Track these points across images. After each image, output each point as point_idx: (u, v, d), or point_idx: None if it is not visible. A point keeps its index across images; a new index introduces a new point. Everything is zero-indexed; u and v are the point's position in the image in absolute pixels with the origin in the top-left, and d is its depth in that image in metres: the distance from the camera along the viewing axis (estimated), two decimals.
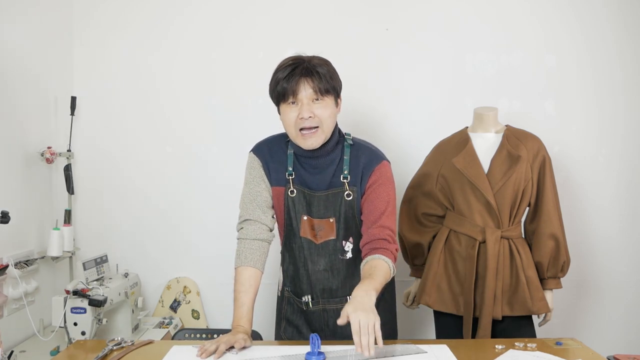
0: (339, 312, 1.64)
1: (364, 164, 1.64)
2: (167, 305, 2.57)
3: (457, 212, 1.99)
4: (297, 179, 1.66)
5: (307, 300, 1.72)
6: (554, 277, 1.98)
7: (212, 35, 2.56)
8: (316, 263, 1.68)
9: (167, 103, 2.58)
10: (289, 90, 1.54)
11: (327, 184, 1.65)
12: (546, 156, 1.98)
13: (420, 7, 2.56)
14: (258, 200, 1.68)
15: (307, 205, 1.65)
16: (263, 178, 1.69)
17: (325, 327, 1.73)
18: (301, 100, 1.55)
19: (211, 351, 1.44)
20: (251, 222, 1.67)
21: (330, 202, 1.64)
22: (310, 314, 1.73)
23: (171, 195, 2.59)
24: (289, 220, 1.68)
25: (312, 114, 1.55)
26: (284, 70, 1.56)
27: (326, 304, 1.71)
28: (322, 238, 1.66)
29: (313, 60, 1.58)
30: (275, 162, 1.68)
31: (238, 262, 1.64)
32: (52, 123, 2.41)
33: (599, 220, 2.59)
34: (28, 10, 2.23)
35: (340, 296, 1.70)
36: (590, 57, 2.56)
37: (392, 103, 2.57)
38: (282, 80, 1.54)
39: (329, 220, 1.65)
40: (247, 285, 1.60)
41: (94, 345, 1.61)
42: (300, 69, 1.54)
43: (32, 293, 2.19)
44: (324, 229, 1.66)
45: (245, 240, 1.66)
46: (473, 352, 1.55)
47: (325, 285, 1.69)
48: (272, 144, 1.72)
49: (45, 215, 2.35)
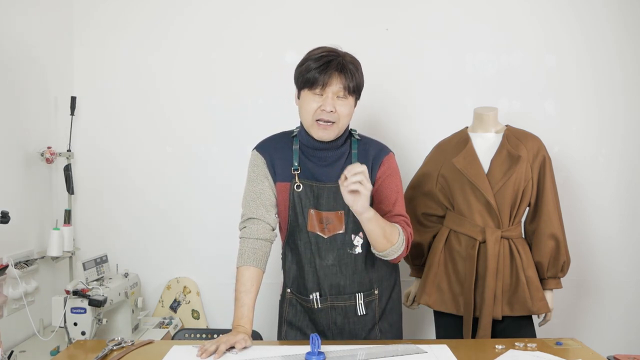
0: (347, 309, 1.68)
1: (373, 157, 1.67)
2: (167, 305, 2.57)
3: (457, 212, 1.99)
4: (304, 172, 1.66)
5: (314, 298, 1.68)
6: (554, 277, 1.98)
7: (212, 35, 2.56)
8: (324, 258, 1.66)
9: (167, 103, 2.58)
10: (320, 81, 1.55)
11: (336, 176, 1.60)
12: (546, 156, 1.98)
13: (420, 7, 2.56)
14: (262, 199, 1.67)
15: (315, 199, 1.65)
16: (267, 176, 1.68)
17: (332, 325, 1.70)
18: (327, 94, 1.57)
19: (211, 351, 1.44)
20: (254, 220, 1.67)
21: (339, 195, 1.57)
22: (317, 313, 1.70)
23: (171, 195, 2.59)
24: (294, 216, 1.67)
25: (333, 109, 1.57)
26: (318, 60, 1.56)
27: (334, 301, 1.68)
28: (331, 232, 1.65)
29: (347, 57, 1.60)
30: (281, 158, 1.68)
31: (240, 262, 1.63)
32: (52, 123, 2.41)
33: (599, 220, 2.59)
34: (28, 10, 2.23)
35: (349, 293, 1.68)
36: (590, 57, 2.56)
37: (392, 103, 2.57)
38: (314, 70, 1.55)
39: (338, 213, 1.64)
40: (248, 285, 1.60)
41: (94, 345, 1.61)
42: (335, 64, 1.56)
43: (32, 293, 2.19)
44: (333, 222, 1.65)
45: (248, 239, 1.65)
46: (473, 352, 1.55)
47: (334, 281, 1.67)
48: (276, 141, 1.72)
49: (45, 215, 2.35)
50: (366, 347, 1.53)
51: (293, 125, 1.75)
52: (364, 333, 1.72)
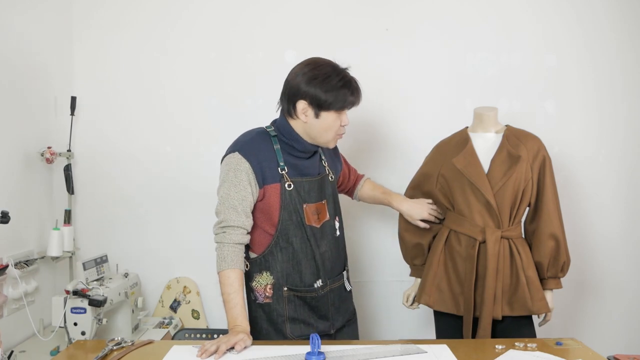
0: (340, 289, 1.86)
1: (334, 149, 1.92)
2: (167, 305, 2.57)
3: (457, 212, 1.99)
4: (291, 170, 1.72)
5: (319, 285, 1.76)
6: (554, 277, 1.98)
7: (212, 36, 2.56)
8: (320, 246, 1.76)
9: (167, 103, 2.58)
10: (353, 104, 1.72)
11: (316, 169, 1.81)
12: (546, 156, 1.98)
13: (420, 7, 2.56)
14: (244, 205, 1.67)
15: (306, 193, 1.74)
16: (250, 182, 1.67)
17: (331, 307, 1.81)
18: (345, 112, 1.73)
19: (212, 351, 1.45)
20: (234, 228, 1.66)
21: (324, 185, 1.81)
22: (317, 301, 1.76)
23: (172, 195, 2.59)
24: (287, 215, 1.69)
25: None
26: (349, 85, 1.68)
27: (331, 284, 1.81)
28: (321, 221, 1.78)
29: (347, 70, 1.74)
30: (267, 160, 1.70)
31: (224, 266, 1.63)
32: (52, 123, 2.41)
33: (599, 220, 2.59)
34: (28, 11, 2.24)
35: (338, 273, 1.86)
36: (590, 57, 2.56)
37: (392, 103, 2.57)
38: (350, 96, 1.68)
39: (323, 202, 1.80)
40: (236, 286, 1.62)
41: (94, 345, 1.61)
42: (358, 88, 1.72)
43: (32, 293, 2.19)
44: (322, 212, 1.79)
45: (228, 244, 1.65)
46: (473, 352, 1.55)
47: (328, 266, 1.80)
48: (257, 142, 1.72)
49: (45, 215, 2.35)
50: (366, 347, 1.53)
51: None
52: (352, 306, 1.94)
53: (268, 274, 1.75)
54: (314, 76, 1.65)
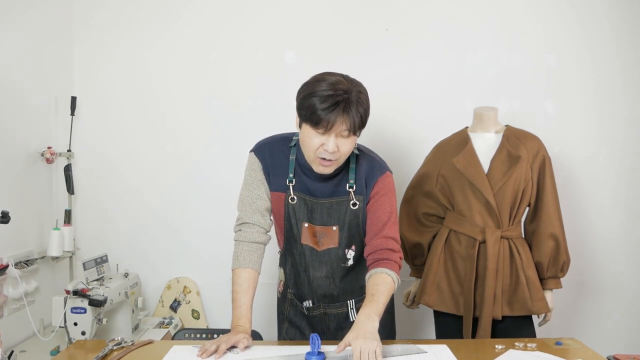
0: (339, 316, 1.71)
1: (367, 174, 1.62)
2: (167, 305, 2.57)
3: (457, 212, 1.99)
4: (298, 185, 1.63)
5: (308, 305, 1.72)
6: (554, 277, 1.98)
7: (212, 36, 2.56)
8: (317, 269, 1.67)
9: (167, 103, 2.58)
10: (324, 122, 1.44)
11: (330, 192, 1.62)
12: (546, 156, 1.98)
13: (420, 8, 2.56)
14: (257, 204, 1.66)
15: (309, 212, 1.63)
16: (262, 182, 1.66)
17: (326, 330, 1.73)
18: (330, 134, 1.47)
19: (212, 351, 1.44)
20: (250, 225, 1.66)
21: (334, 210, 1.62)
22: (312, 318, 1.74)
23: (171, 195, 2.59)
24: (289, 227, 1.66)
25: (336, 149, 1.48)
26: (324, 100, 1.43)
27: (327, 309, 1.72)
28: (324, 245, 1.65)
29: (353, 94, 1.46)
30: (276, 167, 1.64)
31: (236, 264, 1.63)
32: (52, 123, 2.41)
33: (599, 220, 2.59)
34: (28, 11, 2.23)
35: (342, 301, 1.72)
36: (590, 57, 2.56)
37: (392, 103, 2.56)
38: (320, 111, 1.43)
39: (332, 229, 1.63)
40: (245, 286, 1.60)
41: (94, 345, 1.61)
42: (343, 106, 1.43)
43: (32, 293, 2.19)
44: (326, 237, 1.64)
45: (243, 242, 1.65)
46: (473, 352, 1.55)
47: (327, 292, 1.70)
48: (274, 146, 1.67)
49: (45, 215, 2.35)
50: None
51: (293, 125, 1.74)
52: None
53: (282, 271, 1.79)
54: (307, 81, 1.52)
